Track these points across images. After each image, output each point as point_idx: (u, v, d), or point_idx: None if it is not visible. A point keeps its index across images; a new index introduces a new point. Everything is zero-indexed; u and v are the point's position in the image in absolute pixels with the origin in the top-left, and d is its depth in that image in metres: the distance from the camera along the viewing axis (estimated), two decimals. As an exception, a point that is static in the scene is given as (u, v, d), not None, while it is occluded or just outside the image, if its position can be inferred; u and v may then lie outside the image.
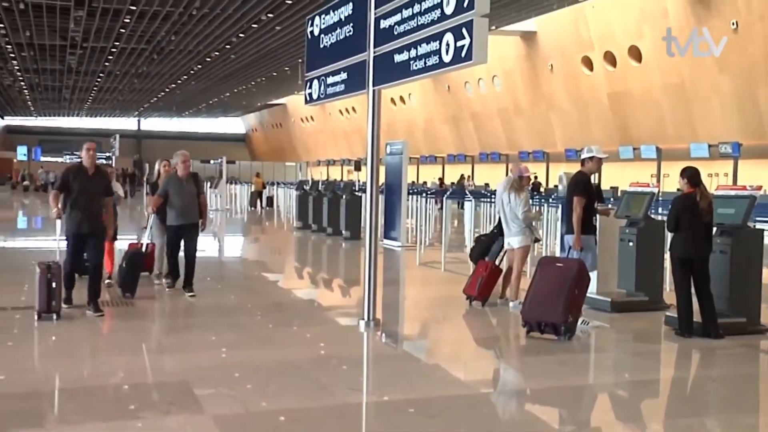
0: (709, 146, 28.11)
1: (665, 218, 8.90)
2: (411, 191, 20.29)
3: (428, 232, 17.95)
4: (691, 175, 8.04)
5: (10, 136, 78.33)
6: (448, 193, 20.43)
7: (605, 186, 25.32)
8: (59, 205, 8.52)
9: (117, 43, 36.13)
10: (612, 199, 15.88)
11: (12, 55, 39.93)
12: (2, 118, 75.99)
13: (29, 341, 7.48)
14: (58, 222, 8.84)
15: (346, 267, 15.09)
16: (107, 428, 5.17)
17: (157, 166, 11.27)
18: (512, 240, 9.31)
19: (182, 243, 9.85)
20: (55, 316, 7.98)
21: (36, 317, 7.94)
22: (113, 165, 31.89)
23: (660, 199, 12.97)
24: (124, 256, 9.68)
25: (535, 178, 30.96)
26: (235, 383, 6.06)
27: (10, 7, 28.47)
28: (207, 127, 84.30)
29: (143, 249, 10.42)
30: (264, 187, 33.27)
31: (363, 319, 8.09)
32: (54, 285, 8.01)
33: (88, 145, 8.75)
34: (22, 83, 52.06)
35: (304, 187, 23.31)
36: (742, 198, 8.42)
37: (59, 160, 67.80)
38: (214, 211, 27.82)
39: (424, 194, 20.55)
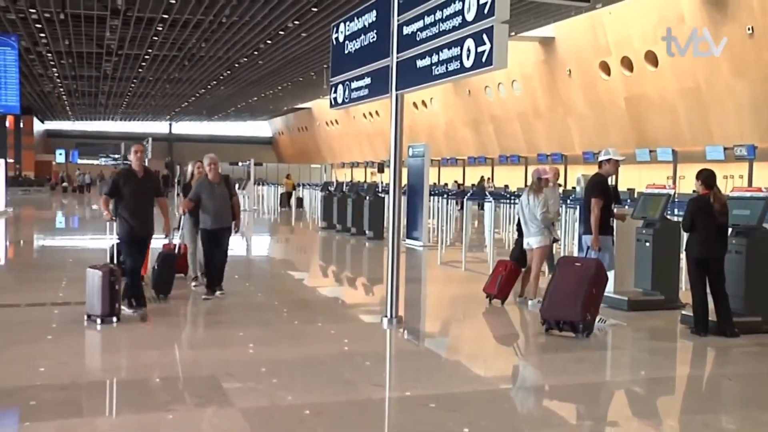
0: (725, 149, 27.77)
1: (681, 219, 8.83)
2: (432, 192, 20.24)
3: (449, 232, 17.90)
4: (706, 177, 7.98)
5: (50, 140, 79.26)
6: (468, 194, 20.36)
7: (622, 188, 25.08)
8: (110, 209, 8.26)
9: (150, 51, 36.40)
10: (629, 201, 15.73)
11: (52, 62, 40.39)
12: (42, 123, 76.85)
13: (68, 336, 7.52)
14: (109, 225, 8.55)
15: (370, 266, 15.08)
16: (140, 419, 5.21)
17: (190, 168, 10.93)
18: (531, 240, 9.27)
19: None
20: (115, 319, 7.75)
21: (99, 321, 7.68)
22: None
23: (676, 200, 12.86)
24: (157, 258, 9.31)
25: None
26: (262, 378, 6.08)
27: (51, 18, 28.81)
28: (235, 131, 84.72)
29: (176, 250, 10.05)
30: (294, 188, 33.30)
31: (386, 316, 8.07)
32: (117, 288, 7.77)
33: (136, 147, 8.43)
34: (61, 89, 52.62)
35: (329, 188, 23.32)
36: (757, 199, 8.34)
37: (95, 162, 68.58)
38: (242, 211, 27.91)
39: (445, 195, 20.50)
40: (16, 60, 25.07)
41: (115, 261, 9.28)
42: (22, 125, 58.58)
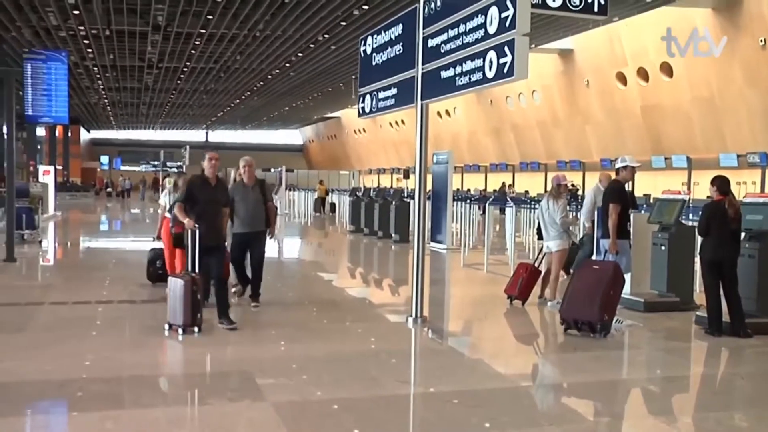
0: (738, 156, 27.50)
1: (695, 224, 8.74)
2: (456, 198, 20.18)
3: (472, 235, 17.84)
4: (721, 184, 7.90)
5: (95, 148, 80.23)
6: (490, 199, 20.28)
7: (638, 193, 24.90)
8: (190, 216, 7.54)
9: (188, 63, 36.71)
10: (645, 206, 15.56)
11: (98, 75, 40.87)
12: (88, 132, 77.80)
13: (111, 332, 7.61)
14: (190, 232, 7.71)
15: (395, 268, 15.07)
16: (178, 412, 5.25)
17: (232, 174, 10.55)
18: (551, 243, 9.24)
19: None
20: (197, 330, 7.27)
21: (180, 332, 7.21)
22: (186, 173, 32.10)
23: (690, 206, 12.72)
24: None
25: (573, 185, 30.51)
26: (293, 374, 6.09)
27: (97, 34, 29.24)
28: (268, 139, 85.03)
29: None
30: (327, 194, 33.28)
31: (411, 316, 8.07)
32: (199, 298, 7.26)
33: (211, 154, 7.77)
34: (106, 100, 53.21)
35: (357, 193, 23.36)
36: (769, 205, 8.22)
37: (136, 168, 69.32)
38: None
39: (467, 200, 20.44)
40: (66, 74, 25.48)
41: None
42: (69, 134, 59.33)
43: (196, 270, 7.52)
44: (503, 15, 6.67)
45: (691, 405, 6.00)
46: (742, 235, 8.01)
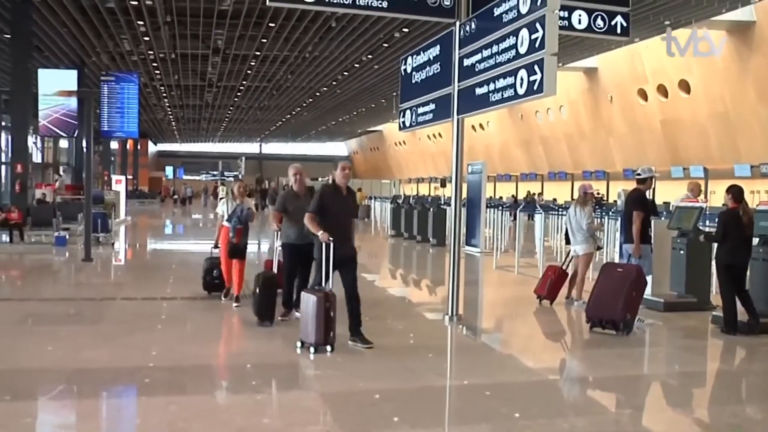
0: (751, 167, 26.95)
1: (712, 230, 8.59)
2: (489, 205, 20.06)
3: (503, 240, 17.71)
4: (736, 192, 7.77)
5: (161, 159, 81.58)
6: (521, 206, 20.11)
7: (659, 201, 24.44)
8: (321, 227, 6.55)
9: (244, 82, 37.13)
10: (665, 213, 15.27)
11: (164, 94, 41.60)
12: (155, 144, 79.18)
13: (175, 325, 7.72)
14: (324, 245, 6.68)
15: (433, 269, 15.01)
16: (233, 399, 5.31)
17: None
18: (577, 248, 9.15)
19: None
20: (329, 348, 6.39)
21: (312, 350, 6.34)
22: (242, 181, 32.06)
23: (707, 213, 12.46)
24: (256, 281, 7.67)
25: (598, 194, 30.13)
26: (338, 366, 6.11)
27: (164, 57, 29.86)
28: (316, 150, 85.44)
29: (273, 268, 8.45)
30: (363, 199, 33.20)
31: (447, 314, 8.05)
32: (332, 315, 6.37)
33: (343, 164, 6.91)
34: (171, 116, 54.10)
35: (398, 201, 23.33)
36: (782, 212, 8.05)
37: (197, 178, 70.33)
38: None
39: (500, 207, 20.29)
40: (137, 93, 26.04)
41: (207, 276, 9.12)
42: (139, 147, 60.43)
43: (331, 285, 6.63)
44: (533, 36, 6.64)
45: (707, 398, 5.90)
46: (755, 240, 7.86)
